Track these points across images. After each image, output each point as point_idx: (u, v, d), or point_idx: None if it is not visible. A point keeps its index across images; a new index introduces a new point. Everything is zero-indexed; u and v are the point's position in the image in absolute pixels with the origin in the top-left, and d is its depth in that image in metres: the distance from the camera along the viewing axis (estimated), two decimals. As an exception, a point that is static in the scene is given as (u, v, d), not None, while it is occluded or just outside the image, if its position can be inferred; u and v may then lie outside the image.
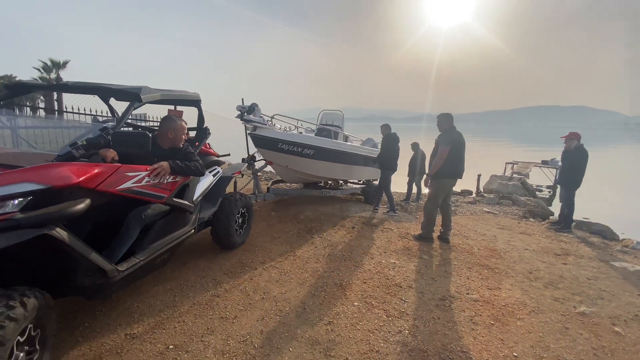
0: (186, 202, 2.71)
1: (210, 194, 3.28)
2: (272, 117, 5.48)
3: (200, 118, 3.38)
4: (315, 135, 6.84)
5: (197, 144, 3.24)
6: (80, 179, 1.76)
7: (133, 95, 2.40)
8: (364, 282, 3.07)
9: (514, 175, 13.03)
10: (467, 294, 2.96)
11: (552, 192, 12.85)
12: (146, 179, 2.24)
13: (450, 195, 4.48)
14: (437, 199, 4.27)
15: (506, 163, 14.79)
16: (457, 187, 6.12)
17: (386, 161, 5.94)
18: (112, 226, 2.32)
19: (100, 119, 3.75)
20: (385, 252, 3.86)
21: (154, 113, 7.76)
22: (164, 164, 2.36)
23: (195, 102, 3.21)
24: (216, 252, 3.57)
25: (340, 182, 7.45)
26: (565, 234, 5.17)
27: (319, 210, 5.61)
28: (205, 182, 3.10)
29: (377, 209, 5.90)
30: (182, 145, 2.72)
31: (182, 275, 3.07)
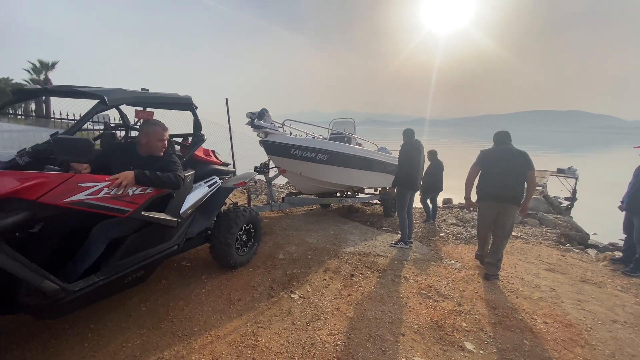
0: (163, 216, 2.33)
1: (205, 207, 2.93)
2: (283, 124, 5.17)
3: (196, 123, 2.86)
4: None
5: (184, 151, 2.88)
6: (4, 190, 1.54)
7: (97, 97, 2.08)
8: None
9: (531, 186, 11.70)
10: None
11: (570, 204, 11.67)
12: (105, 190, 1.94)
13: (502, 224, 3.55)
14: (479, 226, 3.84)
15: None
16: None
17: (398, 177, 4.53)
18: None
19: (111, 124, 3.42)
20: (403, 335, 2.39)
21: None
22: (128, 173, 2.06)
23: (186, 105, 2.75)
24: (142, 335, 2.13)
25: (356, 190, 7.00)
26: (643, 282, 3.77)
27: (306, 243, 4.17)
28: (197, 194, 2.78)
29: (409, 245, 4.47)
30: (162, 153, 2.42)
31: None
